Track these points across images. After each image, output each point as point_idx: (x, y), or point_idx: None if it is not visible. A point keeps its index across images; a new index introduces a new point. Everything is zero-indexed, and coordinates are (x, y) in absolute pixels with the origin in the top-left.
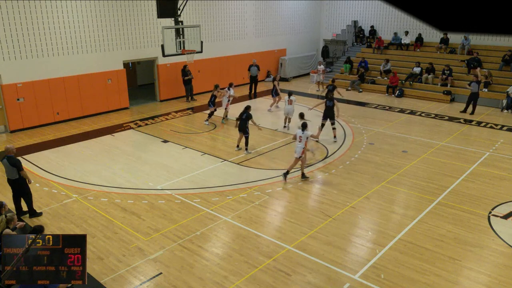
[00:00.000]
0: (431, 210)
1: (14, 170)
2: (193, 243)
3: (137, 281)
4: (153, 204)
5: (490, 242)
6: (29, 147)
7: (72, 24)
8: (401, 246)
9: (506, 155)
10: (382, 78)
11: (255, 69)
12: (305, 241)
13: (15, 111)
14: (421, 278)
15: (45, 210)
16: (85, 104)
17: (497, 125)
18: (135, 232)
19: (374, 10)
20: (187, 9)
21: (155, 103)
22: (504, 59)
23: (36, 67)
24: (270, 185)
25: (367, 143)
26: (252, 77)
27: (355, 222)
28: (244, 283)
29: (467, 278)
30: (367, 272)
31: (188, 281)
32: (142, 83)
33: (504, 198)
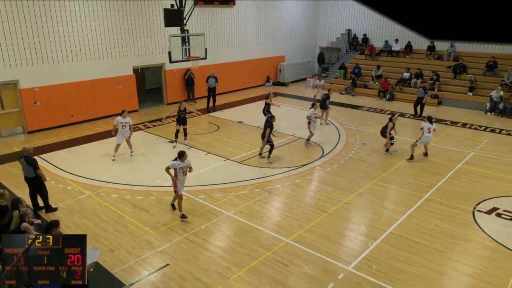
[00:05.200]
0: (419, 206)
1: (31, 168)
2: (198, 237)
3: (146, 272)
4: (160, 200)
5: (474, 236)
6: (45, 147)
7: (85, 32)
8: (391, 240)
9: (489, 154)
10: (374, 82)
11: (213, 81)
12: (302, 235)
13: (32, 113)
14: (410, 269)
15: (60, 206)
16: (98, 107)
17: (481, 126)
18: (144, 226)
19: (367, 19)
20: (192, 18)
21: (162, 106)
22: (488, 65)
23: (52, 73)
24: (270, 182)
25: (360, 143)
26: (210, 89)
27: (349, 217)
28: (246, 274)
29: (453, 270)
30: (360, 264)
31: (193, 271)
32: (150, 88)
33: (487, 194)
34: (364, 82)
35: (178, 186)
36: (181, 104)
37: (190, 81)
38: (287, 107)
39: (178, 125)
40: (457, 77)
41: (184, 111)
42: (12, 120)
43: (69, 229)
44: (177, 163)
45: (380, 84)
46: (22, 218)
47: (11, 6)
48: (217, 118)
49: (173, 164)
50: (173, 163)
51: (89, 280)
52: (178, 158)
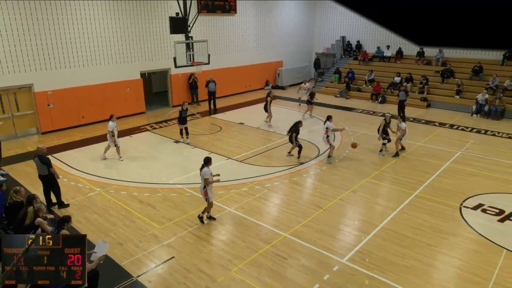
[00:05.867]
0: (410, 202)
1: (44, 167)
2: (201, 231)
3: (153, 264)
4: (166, 196)
5: (462, 230)
6: (58, 146)
7: (95, 39)
8: (383, 234)
9: (475, 154)
10: (367, 86)
11: (213, 85)
12: (300, 229)
13: (45, 115)
14: (401, 261)
15: (72, 202)
16: (107, 109)
17: (468, 127)
18: (150, 221)
19: (360, 27)
20: (196, 26)
21: (168, 108)
22: (474, 69)
23: (64, 77)
24: (269, 180)
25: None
26: (210, 93)
27: (344, 212)
28: (246, 266)
29: (442, 262)
30: (354, 256)
31: (197, 264)
32: (156, 91)
33: (473, 191)
34: (357, 86)
35: (209, 193)
36: (184, 104)
37: (194, 84)
38: (285, 109)
39: (180, 124)
40: (445, 81)
41: (186, 111)
42: (27, 121)
43: (80, 223)
44: (209, 170)
45: (373, 87)
46: (36, 214)
47: (26, 15)
48: (219, 119)
49: (207, 172)
50: (206, 171)
51: (99, 271)
52: (206, 164)
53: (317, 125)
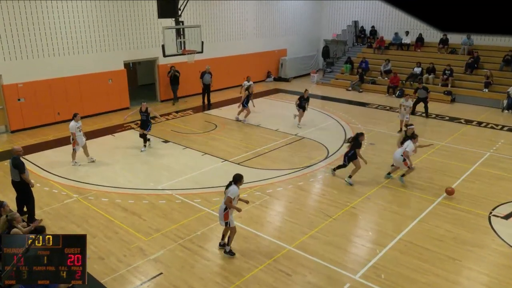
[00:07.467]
0: (431, 210)
1: (16, 172)
2: (193, 243)
3: (138, 281)
4: (153, 204)
5: (490, 242)
6: (30, 147)
7: (72, 24)
8: (401, 246)
9: (506, 155)
10: (382, 78)
11: (209, 77)
12: (306, 241)
13: (16, 111)
14: (421, 278)
15: (46, 210)
16: (86, 104)
17: (498, 125)
18: (135, 232)
19: (375, 10)
20: (188, 9)
21: (155, 103)
22: (505, 59)
23: (37, 67)
24: (271, 185)
25: (368, 143)
26: (205, 86)
27: (356, 222)
28: (245, 283)
29: (466, 278)
30: (368, 272)
31: (189, 281)
32: (142, 83)
33: (504, 198)
34: (372, 78)
35: (230, 217)
36: (142, 104)
37: (174, 79)
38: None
39: (141, 128)
40: (473, 72)
41: (145, 113)
42: None
43: None
44: (237, 190)
45: (389, 79)
46: (10, 223)
47: None
48: (214, 116)
49: (235, 192)
50: (234, 190)
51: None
52: (235, 182)
53: (325, 122)
